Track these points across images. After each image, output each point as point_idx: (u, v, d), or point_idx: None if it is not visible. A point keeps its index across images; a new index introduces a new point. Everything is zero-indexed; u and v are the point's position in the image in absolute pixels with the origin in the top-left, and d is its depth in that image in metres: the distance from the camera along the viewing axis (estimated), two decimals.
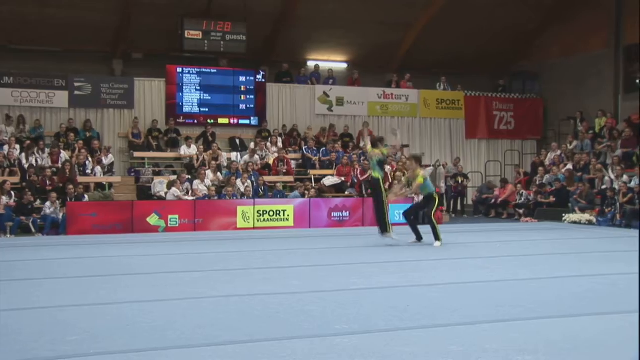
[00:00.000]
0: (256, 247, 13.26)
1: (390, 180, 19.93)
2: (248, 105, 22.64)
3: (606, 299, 7.76)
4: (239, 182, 18.60)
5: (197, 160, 19.96)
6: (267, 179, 19.59)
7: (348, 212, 18.18)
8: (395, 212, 18.40)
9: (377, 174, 13.40)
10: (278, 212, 17.66)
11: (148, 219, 16.50)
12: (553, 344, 5.74)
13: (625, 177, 19.02)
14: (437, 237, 13.04)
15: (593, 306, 7.32)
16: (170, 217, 16.71)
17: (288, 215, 17.70)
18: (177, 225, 16.71)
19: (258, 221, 17.40)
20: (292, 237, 15.51)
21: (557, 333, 6.13)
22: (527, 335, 6.05)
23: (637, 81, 22.89)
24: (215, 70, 22.56)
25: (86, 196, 17.33)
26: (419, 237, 13.38)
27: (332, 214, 18.08)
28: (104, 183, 18.51)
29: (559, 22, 25.28)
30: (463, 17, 23.94)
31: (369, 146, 13.80)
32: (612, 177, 19.52)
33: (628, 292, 8.05)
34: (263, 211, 17.50)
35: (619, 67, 23.54)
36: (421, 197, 13.99)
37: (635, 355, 4.98)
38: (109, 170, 19.24)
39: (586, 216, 18.69)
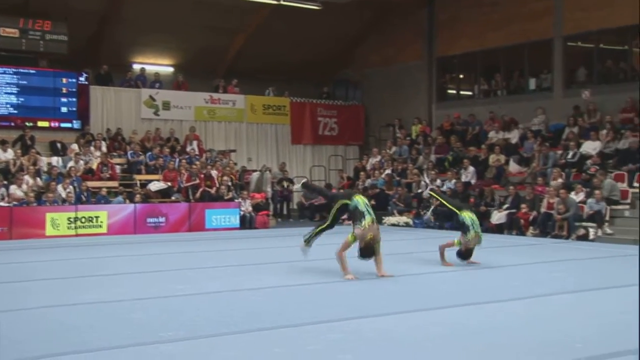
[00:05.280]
0: (72, 256, 12.85)
1: (218, 185, 20.04)
2: (70, 108, 21.72)
3: (417, 298, 8.34)
4: (60, 187, 17.88)
5: (14, 165, 18.96)
6: (90, 184, 18.96)
7: (164, 218, 17.93)
8: None
9: None
10: (91, 219, 16.90)
11: None
12: (369, 341, 6.13)
13: (438, 181, 20.34)
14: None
15: (409, 304, 7.84)
16: None
17: (101, 222, 17.05)
18: None
19: (69, 229, 16.58)
20: (109, 244, 15.06)
21: (372, 331, 6.54)
22: (347, 334, 6.40)
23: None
24: (34, 71, 21.43)
25: None
26: None
27: (148, 219, 17.73)
28: None
29: (378, 33, 26.49)
30: (288, 26, 24.44)
31: None
32: (427, 181, 20.79)
33: (436, 289, 8.74)
34: (74, 218, 16.64)
35: (431, 77, 25.11)
36: None
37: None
38: None
39: (404, 218, 19.75)
